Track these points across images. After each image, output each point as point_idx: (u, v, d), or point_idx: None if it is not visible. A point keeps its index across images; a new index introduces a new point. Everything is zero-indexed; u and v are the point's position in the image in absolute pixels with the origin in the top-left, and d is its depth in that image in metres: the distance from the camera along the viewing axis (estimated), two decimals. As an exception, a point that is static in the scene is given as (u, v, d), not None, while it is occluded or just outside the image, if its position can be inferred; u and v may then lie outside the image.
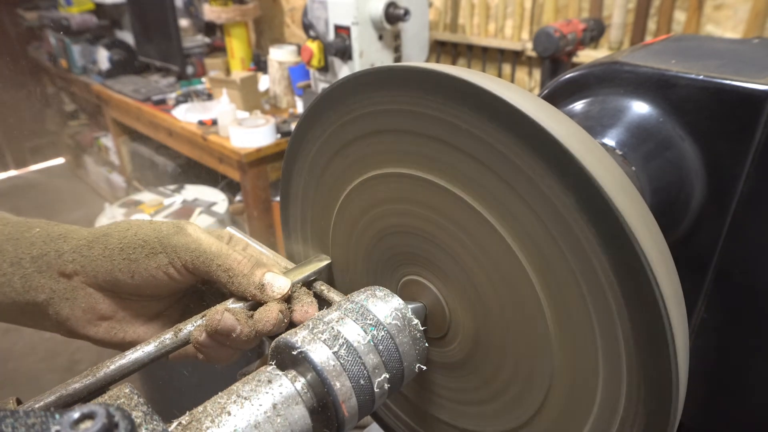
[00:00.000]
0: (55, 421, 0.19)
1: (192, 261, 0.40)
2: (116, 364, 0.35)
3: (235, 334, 0.37)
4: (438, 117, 0.33)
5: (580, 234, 0.28)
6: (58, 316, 0.41)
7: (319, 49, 1.89)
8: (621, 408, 0.30)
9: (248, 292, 0.40)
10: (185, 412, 0.29)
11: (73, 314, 0.41)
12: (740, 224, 0.42)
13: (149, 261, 0.40)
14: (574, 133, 0.28)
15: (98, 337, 0.42)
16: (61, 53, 3.43)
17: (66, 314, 0.41)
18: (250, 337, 0.38)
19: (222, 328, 0.37)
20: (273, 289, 0.40)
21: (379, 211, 0.40)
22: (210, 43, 3.13)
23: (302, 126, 0.42)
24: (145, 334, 0.44)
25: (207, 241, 0.41)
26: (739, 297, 0.45)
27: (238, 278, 0.40)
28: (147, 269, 0.40)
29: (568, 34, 1.41)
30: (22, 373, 2.44)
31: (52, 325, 0.42)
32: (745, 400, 0.48)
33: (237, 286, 0.40)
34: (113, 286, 0.41)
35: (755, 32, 1.45)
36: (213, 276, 0.40)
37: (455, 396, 0.41)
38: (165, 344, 0.38)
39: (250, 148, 2.03)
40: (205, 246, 0.40)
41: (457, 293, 0.37)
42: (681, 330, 0.27)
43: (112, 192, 3.71)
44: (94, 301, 0.41)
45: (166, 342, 0.38)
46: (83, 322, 0.42)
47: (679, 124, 0.43)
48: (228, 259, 0.40)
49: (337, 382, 0.32)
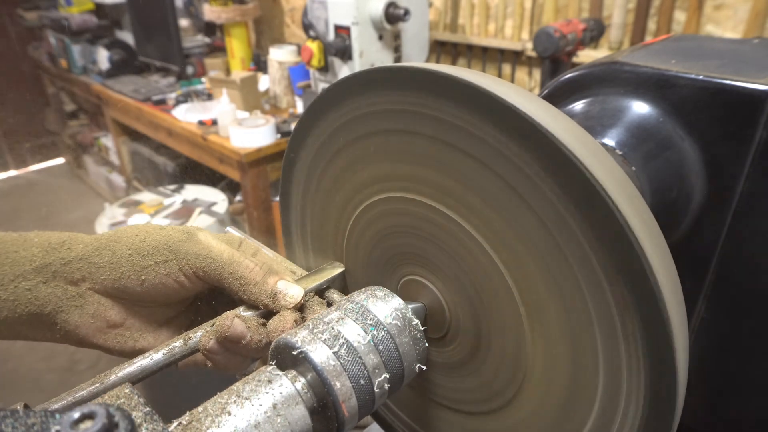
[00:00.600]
0: (55, 421, 0.19)
1: (203, 268, 0.39)
2: (124, 371, 0.35)
3: (245, 341, 0.37)
4: (438, 117, 0.33)
5: (580, 234, 0.28)
6: (66, 325, 0.40)
7: (319, 49, 1.89)
8: (621, 408, 0.30)
9: (260, 300, 0.39)
10: (185, 412, 0.29)
11: (81, 322, 0.40)
12: (740, 224, 0.42)
13: (159, 268, 0.39)
14: (574, 133, 0.28)
15: (108, 346, 0.42)
16: (61, 53, 3.43)
17: (75, 322, 0.40)
18: (261, 345, 0.38)
19: (232, 335, 0.37)
20: (286, 298, 0.39)
21: (379, 210, 0.40)
22: (210, 43, 3.13)
23: (302, 126, 0.42)
24: (155, 341, 0.43)
25: (218, 248, 0.40)
26: (739, 297, 0.45)
27: (250, 286, 0.39)
28: (157, 276, 0.39)
29: (568, 34, 1.41)
30: (22, 373, 2.44)
31: (61, 336, 0.41)
32: (745, 400, 0.48)
33: (249, 294, 0.39)
34: (122, 293, 0.40)
35: (755, 32, 1.45)
36: (224, 284, 0.40)
37: (455, 396, 0.41)
38: (174, 352, 0.37)
39: (250, 148, 2.03)
40: (216, 253, 0.40)
41: (457, 293, 0.37)
42: (681, 330, 0.27)
43: (112, 192, 3.71)
44: (102, 309, 0.41)
45: (176, 350, 0.37)
46: (93, 330, 0.41)
47: (679, 124, 0.43)
48: (240, 266, 0.39)
49: (337, 382, 0.32)
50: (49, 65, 3.76)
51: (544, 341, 0.33)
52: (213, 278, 0.40)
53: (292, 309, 0.39)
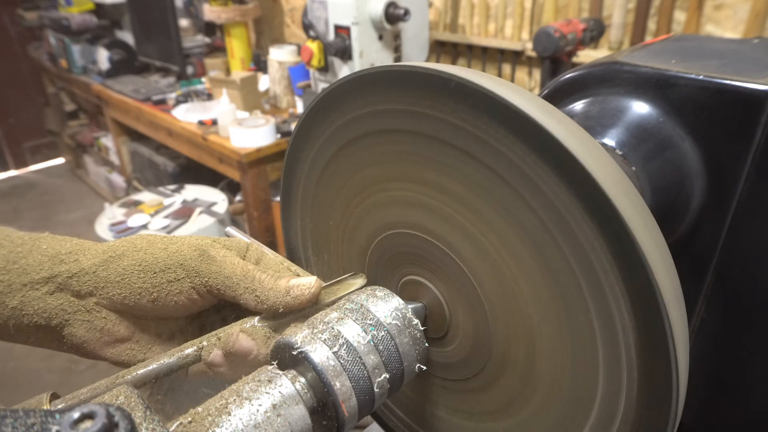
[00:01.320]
0: (55, 421, 0.19)
1: (217, 286, 0.38)
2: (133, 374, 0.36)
3: (252, 356, 0.36)
4: (437, 117, 0.33)
5: (580, 234, 0.28)
6: (73, 338, 0.39)
7: (319, 49, 1.89)
8: (621, 408, 0.30)
9: (277, 304, 0.38)
10: (185, 412, 0.29)
11: (89, 337, 0.39)
12: (740, 224, 0.42)
13: (171, 286, 0.39)
14: (574, 133, 0.28)
15: (116, 359, 0.41)
16: (61, 53, 3.43)
17: (82, 336, 0.39)
18: (269, 358, 0.37)
19: (237, 350, 0.36)
20: (300, 289, 0.38)
21: (379, 210, 0.40)
22: (210, 43, 3.13)
23: (303, 126, 0.42)
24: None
25: (231, 265, 0.39)
26: (739, 297, 0.45)
27: (265, 295, 0.38)
28: (169, 294, 0.39)
29: (568, 34, 1.41)
30: (22, 373, 2.44)
31: (68, 348, 0.40)
32: (744, 400, 0.48)
33: (265, 304, 0.38)
34: (131, 308, 0.40)
35: (755, 32, 1.45)
36: (240, 299, 0.39)
37: (455, 396, 0.41)
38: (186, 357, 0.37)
39: (250, 148, 2.03)
40: (230, 270, 0.39)
41: (457, 293, 0.37)
42: (681, 330, 0.27)
43: (112, 192, 3.71)
44: (111, 324, 0.40)
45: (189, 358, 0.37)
46: (101, 344, 0.40)
47: (679, 124, 0.43)
48: (254, 281, 0.38)
49: (337, 382, 0.32)
50: (49, 65, 3.76)
51: (545, 341, 0.33)
52: (228, 295, 0.39)
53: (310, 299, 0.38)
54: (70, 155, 4.45)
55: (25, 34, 4.32)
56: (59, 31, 3.32)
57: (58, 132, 4.43)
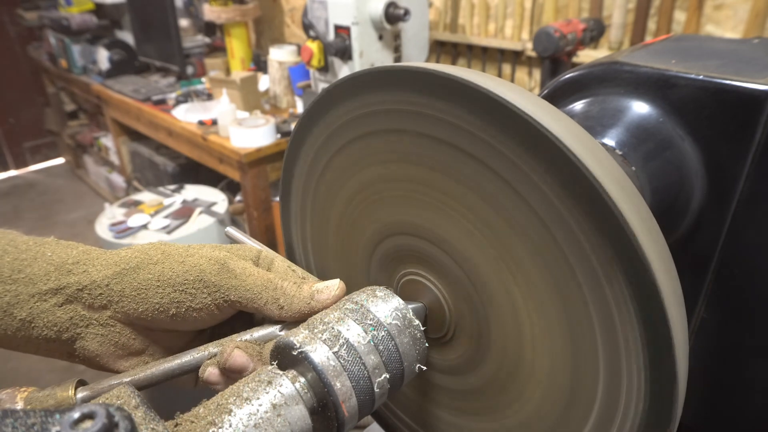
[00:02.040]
0: (55, 421, 0.19)
1: (239, 300, 0.38)
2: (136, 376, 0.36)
3: (248, 372, 0.35)
4: (437, 117, 0.33)
5: (580, 233, 0.28)
6: (86, 352, 0.38)
7: (319, 49, 1.89)
8: (621, 408, 0.30)
9: (302, 311, 0.37)
10: (185, 412, 0.29)
11: (102, 351, 0.38)
12: (740, 224, 0.42)
13: (191, 302, 0.38)
14: (574, 133, 0.28)
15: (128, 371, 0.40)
16: (61, 53, 3.43)
17: (95, 350, 0.38)
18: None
19: (231, 366, 0.35)
20: (326, 293, 0.38)
21: (378, 210, 0.40)
22: (210, 43, 3.13)
23: (302, 126, 0.42)
24: None
25: (251, 277, 0.38)
26: (739, 297, 0.45)
27: (289, 301, 0.38)
28: (188, 310, 0.38)
29: (568, 34, 1.41)
30: (22, 372, 2.44)
31: (79, 360, 0.39)
32: (745, 400, 0.48)
33: (289, 312, 0.38)
34: (148, 323, 0.39)
35: (755, 32, 1.45)
36: (263, 311, 0.38)
37: (455, 396, 0.41)
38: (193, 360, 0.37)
39: (250, 148, 2.03)
40: (251, 283, 0.38)
41: (458, 293, 0.37)
42: (681, 330, 0.27)
43: (112, 192, 3.71)
44: (125, 338, 0.39)
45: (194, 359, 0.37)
46: (114, 357, 0.39)
47: (679, 124, 0.43)
48: (276, 291, 0.38)
49: (337, 382, 0.32)
50: (49, 65, 3.76)
51: (545, 342, 0.33)
52: (250, 307, 0.38)
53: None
54: (70, 155, 4.45)
55: (25, 34, 4.33)
56: (59, 31, 3.32)
57: (58, 132, 4.43)
